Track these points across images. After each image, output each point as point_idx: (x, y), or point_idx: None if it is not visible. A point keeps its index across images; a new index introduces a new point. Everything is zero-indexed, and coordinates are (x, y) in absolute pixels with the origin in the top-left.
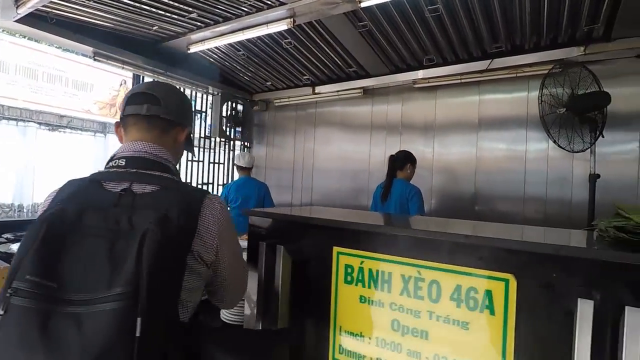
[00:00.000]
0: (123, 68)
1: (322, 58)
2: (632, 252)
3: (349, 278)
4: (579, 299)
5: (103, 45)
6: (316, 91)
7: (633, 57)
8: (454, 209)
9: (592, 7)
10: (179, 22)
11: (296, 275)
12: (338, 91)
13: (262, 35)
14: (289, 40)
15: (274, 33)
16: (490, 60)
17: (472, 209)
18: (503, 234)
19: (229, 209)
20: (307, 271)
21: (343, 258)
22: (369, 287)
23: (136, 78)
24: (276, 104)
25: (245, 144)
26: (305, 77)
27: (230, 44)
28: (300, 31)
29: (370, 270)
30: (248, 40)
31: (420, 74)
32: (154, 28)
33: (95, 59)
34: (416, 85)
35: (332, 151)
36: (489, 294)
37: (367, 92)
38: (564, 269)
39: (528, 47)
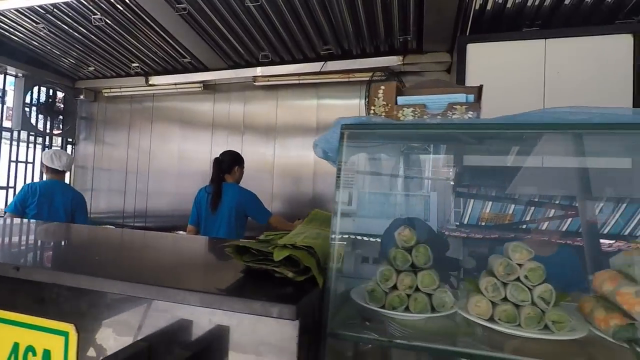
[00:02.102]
0: None
1: (148, 43)
2: None
3: None
4: None
5: None
6: (150, 82)
7: (443, 71)
8: (295, 213)
9: (402, 20)
10: None
11: None
12: (176, 84)
13: (59, 3)
14: (99, 16)
15: (73, 2)
16: (324, 62)
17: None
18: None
19: (16, 217)
20: None
21: None
22: None
23: None
24: (106, 94)
25: (68, 139)
26: (135, 65)
27: (19, 11)
28: (108, 5)
29: None
30: (40, 6)
31: (259, 70)
32: None
33: None
34: (257, 83)
35: (171, 150)
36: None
37: (208, 88)
38: None
39: (356, 52)
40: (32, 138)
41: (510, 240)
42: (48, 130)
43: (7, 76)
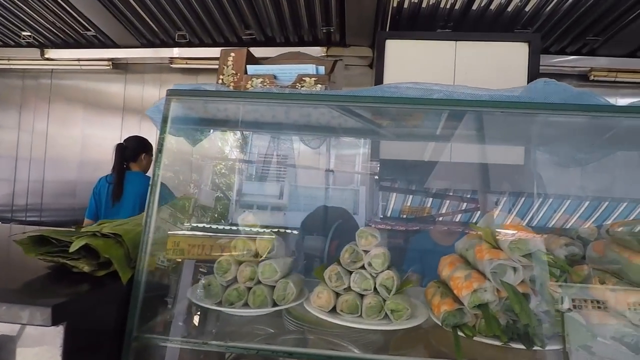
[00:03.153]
0: None
1: (41, 10)
2: None
3: None
4: None
5: None
6: (47, 56)
7: (366, 66)
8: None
9: (324, 11)
10: None
11: None
12: (79, 60)
13: None
14: None
15: None
16: (246, 48)
17: None
18: None
19: None
20: None
21: None
22: None
23: None
24: None
25: None
26: (26, 34)
27: None
28: None
29: None
30: None
31: (176, 52)
32: None
33: None
34: (174, 65)
35: (73, 135)
36: None
37: (119, 67)
38: None
39: (279, 40)
40: None
41: (425, 231)
42: None
43: None
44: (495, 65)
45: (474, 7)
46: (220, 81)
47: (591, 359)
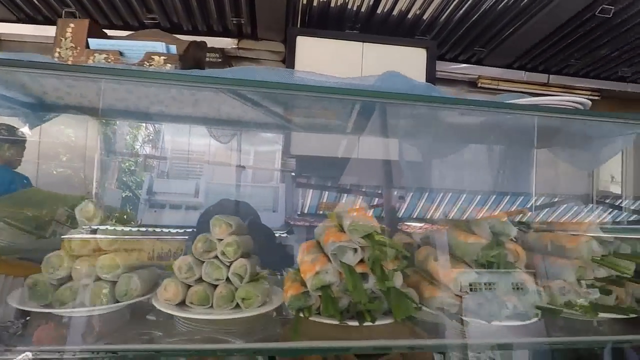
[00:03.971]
0: None
1: None
2: None
3: None
4: None
5: None
6: None
7: (279, 61)
8: None
9: (233, 1)
10: None
11: None
12: None
13: None
14: None
15: None
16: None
17: None
18: None
19: None
20: None
21: None
22: None
23: None
24: None
25: None
26: None
27: None
28: None
29: None
30: None
31: None
32: None
33: None
34: None
35: None
36: None
37: None
38: None
39: (187, 28)
40: None
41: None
42: None
43: None
44: (398, 67)
45: (379, 10)
46: (57, 55)
47: (414, 329)
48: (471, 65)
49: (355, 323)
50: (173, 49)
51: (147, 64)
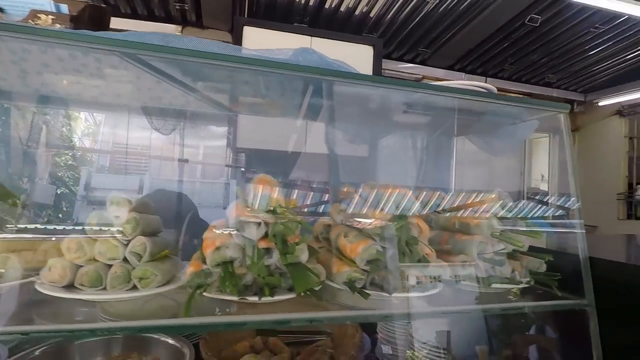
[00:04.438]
0: None
1: None
2: None
3: None
4: None
5: None
6: None
7: None
8: None
9: None
10: None
11: None
12: None
13: None
14: None
15: None
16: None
17: None
18: None
19: None
20: None
21: None
22: None
23: None
24: None
25: None
26: None
27: None
28: None
29: None
30: None
31: None
32: None
33: None
34: None
35: None
36: None
37: None
38: None
39: (125, 11)
40: None
41: None
42: None
43: None
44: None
45: (327, 5)
46: None
47: (318, 303)
48: (416, 65)
49: (256, 299)
50: (64, 8)
51: (33, 21)
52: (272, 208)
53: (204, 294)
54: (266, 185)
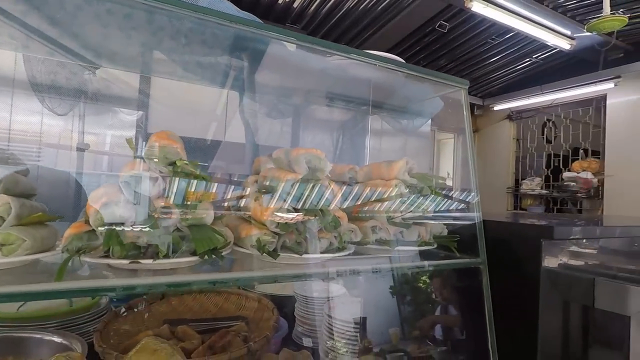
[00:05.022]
0: None
1: None
2: None
3: None
4: None
5: None
6: None
7: None
8: None
9: None
10: None
11: None
12: None
13: None
14: None
15: None
16: None
17: None
18: None
19: None
20: None
21: None
22: None
23: None
24: None
25: None
26: None
27: None
28: None
29: None
30: None
31: None
32: None
33: None
34: None
35: None
36: None
37: None
38: None
39: None
40: None
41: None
42: None
43: None
44: None
45: None
46: None
47: (217, 263)
48: None
49: (150, 261)
50: None
51: None
52: (171, 162)
53: (87, 259)
54: (165, 138)
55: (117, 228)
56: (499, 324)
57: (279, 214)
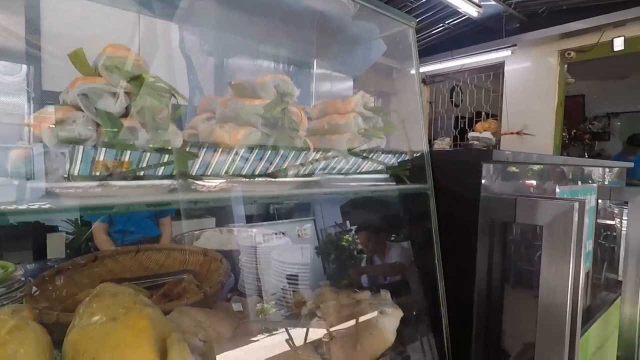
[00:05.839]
0: None
1: None
2: None
3: None
4: None
5: None
6: None
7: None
8: None
9: None
10: None
11: None
12: None
13: None
14: None
15: None
16: None
17: None
18: None
19: None
20: None
21: None
22: None
23: None
24: None
25: None
26: None
27: None
28: None
29: None
30: None
31: None
32: None
33: None
34: None
35: None
36: None
37: None
38: None
39: None
40: None
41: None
42: None
43: None
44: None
45: None
46: None
47: (187, 185)
48: None
49: (118, 183)
50: None
51: None
52: (134, 75)
53: (44, 184)
54: (122, 49)
55: (80, 150)
56: (442, 245)
57: (250, 138)
